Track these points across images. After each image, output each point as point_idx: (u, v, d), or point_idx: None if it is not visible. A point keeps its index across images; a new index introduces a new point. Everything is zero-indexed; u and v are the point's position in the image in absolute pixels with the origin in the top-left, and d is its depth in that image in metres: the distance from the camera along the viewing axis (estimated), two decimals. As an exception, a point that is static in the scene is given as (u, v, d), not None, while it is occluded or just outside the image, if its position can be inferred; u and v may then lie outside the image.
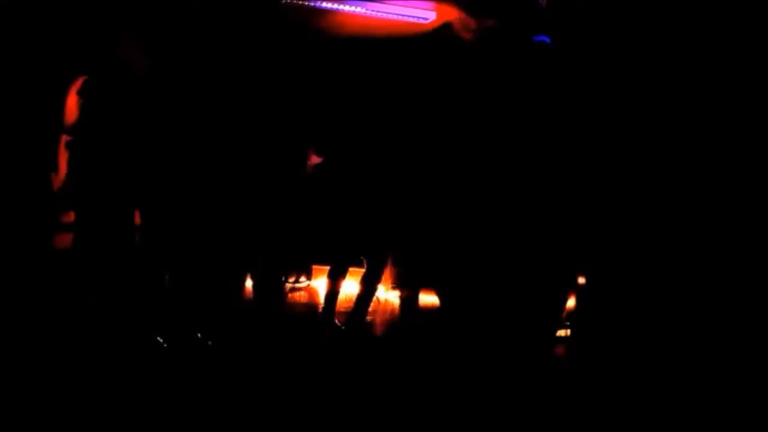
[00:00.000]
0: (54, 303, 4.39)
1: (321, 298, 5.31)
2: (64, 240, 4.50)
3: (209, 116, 4.67)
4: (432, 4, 5.87)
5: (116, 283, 4.47)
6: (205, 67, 4.72)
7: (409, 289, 5.30)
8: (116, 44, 4.39)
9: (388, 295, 5.95)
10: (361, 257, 5.33)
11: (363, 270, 5.33)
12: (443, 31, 5.41)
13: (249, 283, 4.92)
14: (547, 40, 4.85)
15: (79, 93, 4.32)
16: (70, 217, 4.45)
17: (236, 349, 4.56)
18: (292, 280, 5.98)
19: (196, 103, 4.66)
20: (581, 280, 4.95)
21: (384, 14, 5.88)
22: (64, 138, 4.37)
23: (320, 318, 5.16)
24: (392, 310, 5.52)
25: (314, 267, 6.11)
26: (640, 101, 4.85)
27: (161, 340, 4.54)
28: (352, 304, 5.37)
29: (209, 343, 4.58)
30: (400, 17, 5.91)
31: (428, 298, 5.54)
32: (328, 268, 5.38)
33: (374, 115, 5.13)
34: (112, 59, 4.37)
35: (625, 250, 4.82)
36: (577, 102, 4.75)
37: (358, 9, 5.82)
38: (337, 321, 5.26)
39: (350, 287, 5.32)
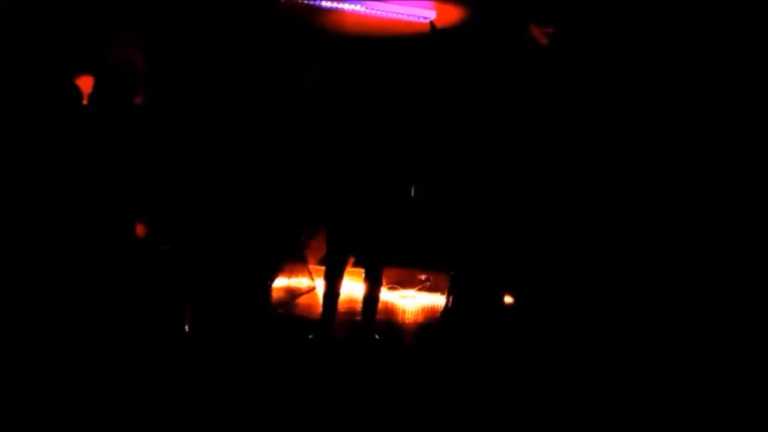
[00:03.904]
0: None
1: (320, 299, 5.26)
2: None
3: (208, 116, 4.66)
4: (432, 4, 5.87)
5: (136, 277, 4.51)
6: (204, 67, 4.71)
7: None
8: (115, 45, 4.39)
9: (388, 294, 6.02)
10: (357, 257, 5.29)
11: (358, 270, 5.28)
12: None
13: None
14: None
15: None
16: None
17: (237, 351, 4.56)
18: (291, 281, 5.97)
19: (195, 103, 4.65)
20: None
21: (384, 14, 5.87)
22: None
23: (320, 321, 5.11)
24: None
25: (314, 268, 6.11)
26: (636, 105, 4.87)
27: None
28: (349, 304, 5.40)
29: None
30: (400, 17, 5.91)
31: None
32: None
33: (373, 115, 5.11)
34: (111, 60, 4.37)
35: (621, 249, 4.84)
36: (573, 105, 4.76)
37: (358, 8, 5.81)
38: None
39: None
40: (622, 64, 4.83)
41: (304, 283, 5.97)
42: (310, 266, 6.08)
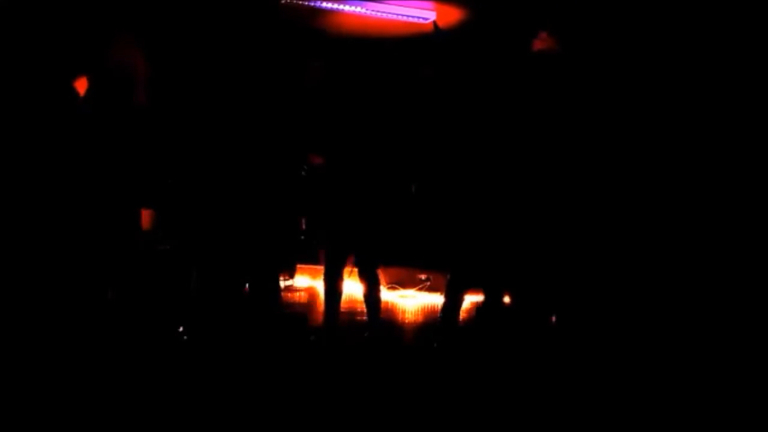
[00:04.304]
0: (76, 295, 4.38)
1: (321, 298, 5.25)
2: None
3: (209, 116, 4.67)
4: (432, 4, 5.88)
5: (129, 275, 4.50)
6: (204, 67, 4.71)
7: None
8: (115, 46, 4.39)
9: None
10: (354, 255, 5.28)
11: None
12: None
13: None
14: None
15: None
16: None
17: (239, 351, 4.56)
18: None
19: (195, 104, 4.65)
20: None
21: (384, 14, 5.88)
22: None
23: (322, 321, 5.10)
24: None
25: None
26: (636, 104, 4.87)
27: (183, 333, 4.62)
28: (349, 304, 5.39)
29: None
30: (400, 17, 5.92)
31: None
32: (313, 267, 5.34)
33: (373, 114, 5.12)
34: (110, 61, 4.37)
35: (619, 250, 4.84)
36: (574, 104, 4.76)
37: (358, 9, 5.82)
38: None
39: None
40: (632, 68, 4.84)
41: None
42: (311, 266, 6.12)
